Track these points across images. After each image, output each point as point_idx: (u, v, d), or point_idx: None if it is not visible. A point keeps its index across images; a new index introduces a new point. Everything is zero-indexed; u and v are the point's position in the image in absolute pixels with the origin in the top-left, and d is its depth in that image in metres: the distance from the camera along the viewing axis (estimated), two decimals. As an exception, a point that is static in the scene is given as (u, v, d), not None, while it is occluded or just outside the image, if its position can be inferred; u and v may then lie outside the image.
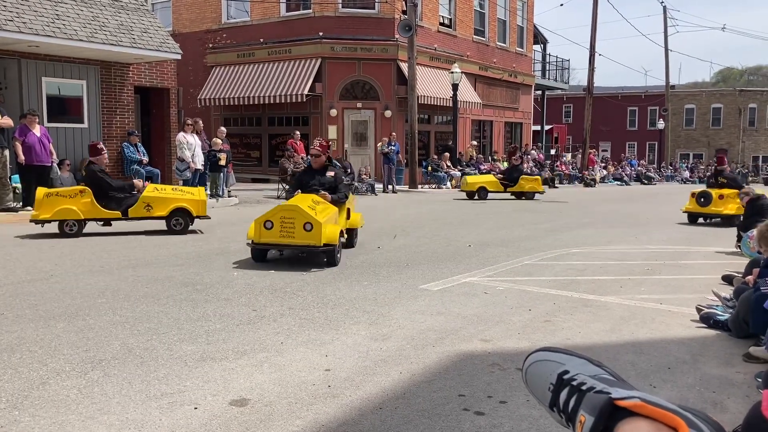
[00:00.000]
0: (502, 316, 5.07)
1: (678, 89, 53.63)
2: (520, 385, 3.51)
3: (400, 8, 22.38)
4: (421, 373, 3.73)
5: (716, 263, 7.82)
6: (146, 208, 9.53)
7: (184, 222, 9.68)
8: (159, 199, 9.63)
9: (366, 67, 22.64)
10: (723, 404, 3.40)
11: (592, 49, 30.80)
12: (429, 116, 25.06)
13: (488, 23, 28.38)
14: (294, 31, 22.82)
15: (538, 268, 7.32)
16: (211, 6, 24.86)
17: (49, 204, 9.09)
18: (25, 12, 12.68)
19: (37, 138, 11.41)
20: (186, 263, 7.11)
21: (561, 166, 31.55)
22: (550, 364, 0.93)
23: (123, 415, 3.05)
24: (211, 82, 24.18)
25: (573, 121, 51.31)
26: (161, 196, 9.68)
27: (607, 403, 0.79)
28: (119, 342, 4.18)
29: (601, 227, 11.70)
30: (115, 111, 15.16)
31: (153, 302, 5.28)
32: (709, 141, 52.20)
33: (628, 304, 5.54)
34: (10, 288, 5.73)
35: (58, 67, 13.71)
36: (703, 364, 4.05)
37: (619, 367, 3.87)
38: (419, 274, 6.70)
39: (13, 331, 4.39)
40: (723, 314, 4.88)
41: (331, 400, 3.29)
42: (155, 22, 15.67)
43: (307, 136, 22.00)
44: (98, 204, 9.28)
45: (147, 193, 9.61)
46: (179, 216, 9.65)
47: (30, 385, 3.40)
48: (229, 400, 3.26)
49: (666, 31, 41.40)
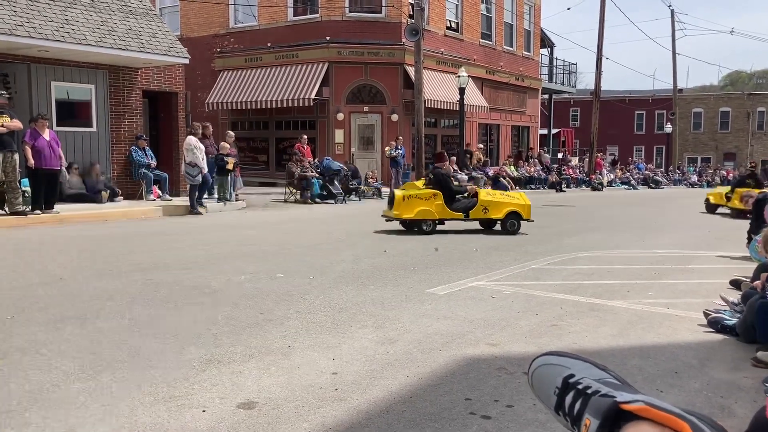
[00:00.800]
0: (508, 320, 5.07)
1: (686, 93, 53.48)
2: (526, 389, 3.51)
3: (407, 12, 22.42)
4: (427, 377, 3.73)
5: (724, 267, 7.79)
6: (483, 211, 10.82)
7: (518, 224, 10.79)
8: (494, 203, 10.89)
9: (373, 71, 22.68)
10: (730, 409, 3.40)
11: (599, 53, 30.75)
12: (436, 120, 25.07)
13: (495, 27, 28.39)
14: (301, 36, 22.89)
15: (545, 272, 7.31)
16: (218, 11, 24.96)
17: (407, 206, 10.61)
18: (35, 17, 12.78)
19: (47, 142, 11.48)
20: (194, 267, 7.15)
21: (568, 170, 31.49)
22: (556, 367, 0.94)
23: (132, 417, 3.07)
24: (218, 86, 24.27)
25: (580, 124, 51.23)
26: (496, 200, 10.98)
27: (612, 406, 0.80)
28: (128, 345, 4.21)
29: (608, 231, 11.67)
30: (123, 115, 15.24)
31: (161, 306, 5.31)
32: (717, 145, 52.01)
33: (636, 309, 5.53)
34: (21, 291, 5.77)
35: (67, 71, 13.81)
36: (710, 368, 4.04)
37: (626, 371, 3.87)
38: (426, 278, 6.71)
39: (23, 333, 4.42)
40: (731, 319, 4.86)
41: (338, 404, 3.30)
42: (163, 26, 15.76)
43: (314, 140, 22.06)
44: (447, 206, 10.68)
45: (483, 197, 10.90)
46: (513, 219, 10.79)
47: (40, 387, 3.43)
48: (237, 403, 3.28)
49: (674, 34, 41.30)
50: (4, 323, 4.67)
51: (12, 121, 10.97)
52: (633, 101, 53.68)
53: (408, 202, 10.61)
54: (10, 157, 10.90)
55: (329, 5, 22.46)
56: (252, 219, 12.91)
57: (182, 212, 13.48)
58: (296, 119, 23.55)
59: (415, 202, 10.60)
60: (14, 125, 10.99)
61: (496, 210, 10.80)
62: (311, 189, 16.74)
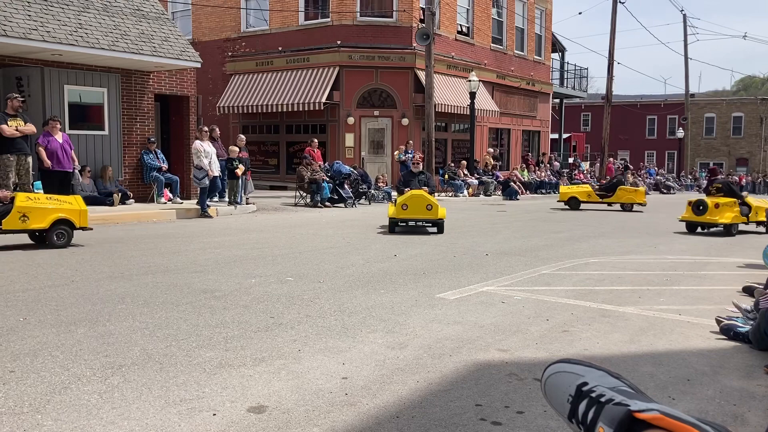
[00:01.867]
0: (519, 325, 5.06)
1: (698, 98, 53.20)
2: (537, 395, 3.50)
3: (418, 17, 22.45)
4: (438, 383, 3.73)
5: (737, 274, 7.73)
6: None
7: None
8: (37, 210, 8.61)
9: (383, 76, 22.71)
10: (743, 417, 3.37)
11: (610, 57, 30.65)
12: (446, 124, 25.07)
13: (506, 32, 28.37)
14: (312, 40, 22.96)
15: (556, 277, 7.28)
16: (230, 15, 25.09)
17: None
18: (49, 21, 12.89)
19: (59, 144, 11.57)
20: (204, 270, 7.17)
21: (579, 175, 31.38)
22: (569, 375, 0.94)
23: (143, 420, 3.08)
24: (230, 90, 24.38)
25: (591, 129, 51.07)
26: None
27: (626, 415, 0.80)
28: (139, 348, 4.23)
29: (619, 237, 11.62)
30: (135, 118, 15.34)
31: (172, 309, 5.33)
32: (730, 150, 51.69)
33: (647, 315, 5.50)
34: (33, 293, 5.81)
35: (80, 74, 13.92)
36: (723, 376, 4.00)
37: (637, 378, 3.85)
38: (436, 283, 6.70)
39: (35, 336, 4.45)
40: (744, 326, 4.82)
41: (348, 408, 3.30)
42: (175, 30, 15.85)
43: (324, 144, 22.11)
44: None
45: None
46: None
47: (52, 390, 3.45)
48: (247, 406, 3.28)
49: (686, 39, 41.14)
50: (17, 325, 4.71)
51: (26, 125, 11.07)
52: (645, 106, 53.45)
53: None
54: (23, 160, 11.00)
55: (340, 10, 22.52)
56: (262, 222, 12.95)
57: (193, 215, 13.55)
58: (307, 123, 23.62)
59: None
60: (28, 129, 11.09)
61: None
62: (321, 193, 16.77)
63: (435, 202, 11.14)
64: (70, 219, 8.79)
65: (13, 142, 10.85)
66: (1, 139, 10.80)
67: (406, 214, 10.99)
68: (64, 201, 9.05)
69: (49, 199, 9.08)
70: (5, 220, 8.39)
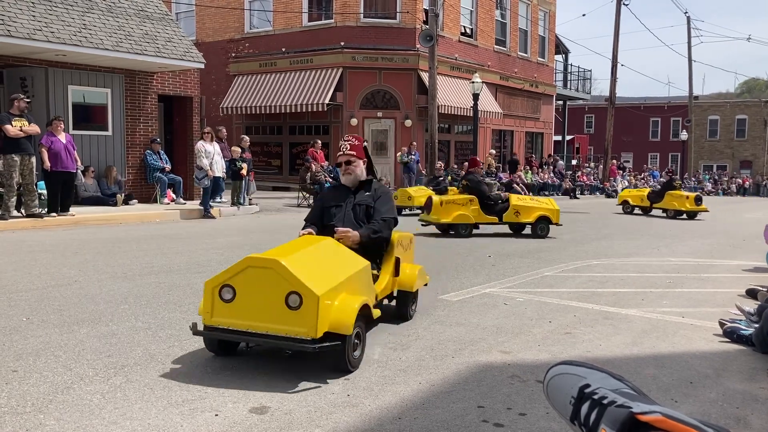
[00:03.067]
0: (521, 327, 5.05)
1: (702, 100, 53.13)
2: (539, 397, 3.49)
3: (422, 18, 22.46)
4: (440, 384, 3.72)
5: (740, 277, 7.72)
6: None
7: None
8: (526, 208, 11.28)
9: (387, 77, 22.73)
10: (746, 420, 3.36)
11: (614, 59, 30.64)
12: (449, 125, 25.08)
13: (509, 33, 28.38)
14: (316, 41, 22.99)
15: (558, 279, 7.28)
16: (234, 16, 25.14)
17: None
18: (53, 22, 12.93)
19: (63, 144, 11.60)
20: (206, 271, 7.18)
21: (582, 177, 31.36)
22: (572, 377, 0.94)
23: (145, 420, 3.08)
24: (233, 90, 24.42)
25: (594, 131, 51.05)
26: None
27: (629, 417, 0.80)
28: (141, 348, 4.23)
29: (621, 239, 11.61)
30: (138, 119, 15.37)
31: (174, 309, 5.34)
32: (734, 152, 51.61)
33: (650, 317, 5.49)
34: (36, 293, 5.82)
35: (83, 75, 13.95)
36: (726, 379, 4.00)
37: (640, 380, 3.84)
38: (438, 285, 6.70)
39: (38, 335, 4.46)
40: (747, 329, 4.81)
41: (351, 409, 3.30)
42: (179, 31, 15.88)
43: (327, 145, 22.12)
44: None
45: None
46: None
47: (55, 389, 3.46)
48: (250, 407, 3.28)
49: (690, 41, 41.09)
50: (20, 325, 4.72)
51: (30, 126, 11.10)
52: (648, 108, 53.41)
53: (445, 207, 11.09)
54: (27, 160, 11.03)
55: (344, 11, 22.54)
56: (265, 223, 12.96)
57: (196, 216, 13.57)
58: (310, 124, 23.65)
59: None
60: (32, 130, 11.12)
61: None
62: (324, 194, 16.74)
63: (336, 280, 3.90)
64: (549, 216, 11.22)
65: (18, 143, 10.88)
66: (6, 140, 10.84)
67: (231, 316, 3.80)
68: (543, 202, 11.69)
69: (532, 200, 11.94)
70: (505, 215, 11.19)
